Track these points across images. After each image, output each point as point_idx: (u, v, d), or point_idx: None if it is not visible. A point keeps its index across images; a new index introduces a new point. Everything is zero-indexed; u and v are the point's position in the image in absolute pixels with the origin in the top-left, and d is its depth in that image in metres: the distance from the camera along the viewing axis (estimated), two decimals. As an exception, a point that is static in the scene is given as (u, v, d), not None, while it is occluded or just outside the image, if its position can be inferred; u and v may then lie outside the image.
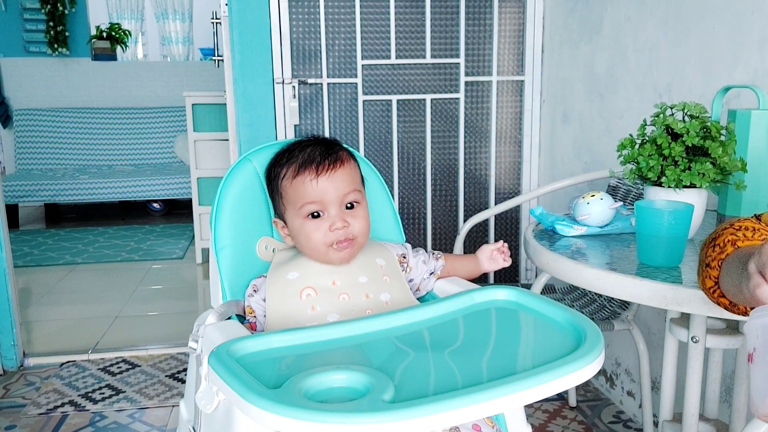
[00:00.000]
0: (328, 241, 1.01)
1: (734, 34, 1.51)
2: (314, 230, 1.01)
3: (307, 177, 1.01)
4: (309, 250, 1.03)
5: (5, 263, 2.34)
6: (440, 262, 1.15)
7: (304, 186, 1.01)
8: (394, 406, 0.67)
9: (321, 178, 1.01)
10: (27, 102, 5.26)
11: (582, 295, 1.95)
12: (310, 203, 1.01)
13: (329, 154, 1.03)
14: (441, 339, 0.88)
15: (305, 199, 1.01)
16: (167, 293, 3.28)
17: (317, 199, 1.01)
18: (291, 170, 1.03)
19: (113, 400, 2.12)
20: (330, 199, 1.01)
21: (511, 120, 2.52)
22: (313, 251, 1.02)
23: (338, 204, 1.02)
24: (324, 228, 1.01)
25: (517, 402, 0.72)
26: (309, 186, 1.01)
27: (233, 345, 0.82)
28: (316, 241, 1.01)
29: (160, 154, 5.28)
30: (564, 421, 1.95)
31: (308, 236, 1.01)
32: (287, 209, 1.04)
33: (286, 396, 0.69)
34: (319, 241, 1.01)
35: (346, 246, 1.01)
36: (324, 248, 1.01)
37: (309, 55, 2.32)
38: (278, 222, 1.09)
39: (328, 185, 1.01)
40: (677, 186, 1.15)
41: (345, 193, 1.02)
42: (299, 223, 1.02)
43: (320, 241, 1.01)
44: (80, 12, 5.33)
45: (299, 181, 1.02)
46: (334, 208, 1.01)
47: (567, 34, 2.29)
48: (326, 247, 1.01)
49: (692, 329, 1.25)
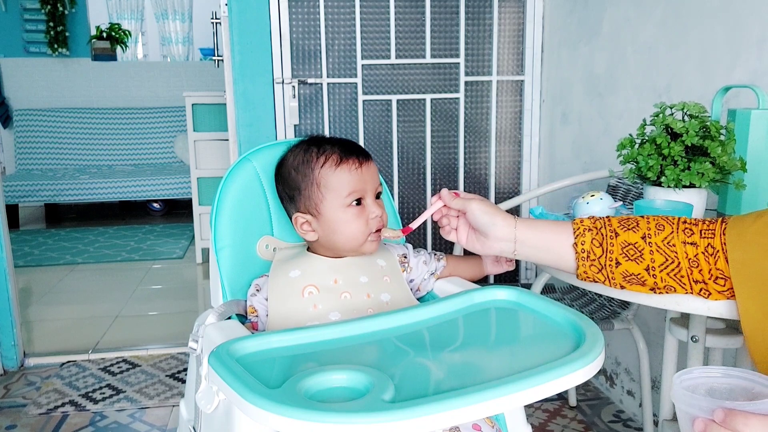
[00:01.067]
0: (367, 230, 1.04)
1: (733, 34, 1.51)
2: (357, 217, 1.03)
3: (353, 165, 1.04)
4: (346, 239, 1.04)
5: (5, 263, 2.34)
6: (441, 263, 1.15)
7: (350, 174, 1.03)
8: (394, 406, 0.67)
9: (363, 167, 1.05)
10: (27, 102, 5.26)
11: (582, 295, 1.95)
12: (356, 191, 1.03)
13: (360, 149, 1.08)
14: (441, 339, 0.89)
15: (351, 186, 1.03)
16: (167, 293, 3.28)
17: (361, 187, 1.04)
18: (332, 159, 1.04)
19: (113, 399, 2.12)
20: (369, 189, 1.05)
21: (511, 120, 2.52)
22: (350, 239, 1.04)
23: (373, 194, 1.06)
24: (365, 216, 1.04)
25: (517, 402, 0.72)
26: (355, 174, 1.03)
27: (233, 345, 0.82)
28: (357, 229, 1.03)
29: (160, 154, 5.28)
30: (564, 421, 1.95)
31: (349, 224, 1.03)
32: (326, 198, 1.04)
33: (286, 396, 0.69)
34: (359, 230, 1.03)
35: (378, 237, 1.05)
36: (363, 236, 1.04)
37: (309, 55, 2.32)
38: (302, 217, 1.06)
39: (368, 175, 1.05)
40: (677, 186, 1.15)
41: (377, 185, 1.07)
42: (341, 212, 1.03)
43: (361, 228, 1.03)
44: (80, 12, 5.33)
45: (344, 169, 1.03)
46: (370, 198, 1.05)
47: (566, 35, 2.29)
48: (364, 238, 1.04)
49: (692, 329, 1.25)
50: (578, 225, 0.94)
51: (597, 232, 0.92)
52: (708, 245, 0.87)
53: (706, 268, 0.87)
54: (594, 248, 0.91)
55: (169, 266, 3.73)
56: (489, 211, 0.96)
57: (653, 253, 0.89)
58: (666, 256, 0.88)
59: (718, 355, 1.38)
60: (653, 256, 0.89)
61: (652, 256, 0.89)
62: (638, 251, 0.89)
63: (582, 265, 0.92)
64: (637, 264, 0.89)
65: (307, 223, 1.06)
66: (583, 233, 0.92)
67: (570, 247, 0.93)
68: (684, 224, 0.90)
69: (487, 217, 0.96)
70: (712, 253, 0.87)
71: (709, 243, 0.87)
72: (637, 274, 0.90)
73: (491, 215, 0.96)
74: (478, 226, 0.97)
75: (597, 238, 0.92)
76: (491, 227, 0.95)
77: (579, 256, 0.92)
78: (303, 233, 1.07)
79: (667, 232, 0.89)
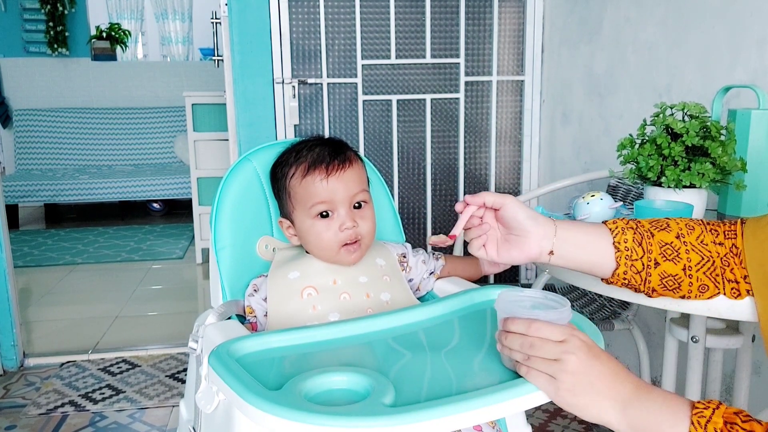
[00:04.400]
0: (338, 241, 1.01)
1: (734, 34, 1.51)
2: (324, 230, 1.01)
3: (318, 176, 1.01)
4: (318, 250, 1.03)
5: (5, 263, 2.34)
6: (440, 262, 1.15)
7: (314, 185, 1.01)
8: (394, 410, 0.67)
9: (331, 178, 1.01)
10: (27, 102, 5.26)
11: (582, 295, 1.95)
12: (320, 203, 1.01)
13: (338, 154, 1.03)
14: (440, 339, 0.88)
15: (315, 198, 1.01)
16: (167, 293, 3.27)
17: (327, 198, 1.01)
18: (300, 169, 1.03)
19: (113, 400, 2.12)
20: (340, 199, 1.01)
21: (511, 120, 2.52)
22: (322, 251, 1.03)
23: (347, 204, 1.02)
24: (334, 228, 1.01)
25: (518, 407, 0.72)
26: (319, 185, 1.01)
27: (233, 345, 0.82)
28: (327, 241, 1.01)
29: (160, 154, 5.27)
30: (564, 421, 1.95)
31: (318, 236, 1.01)
32: (296, 208, 1.04)
33: (286, 398, 0.69)
34: (330, 241, 1.01)
35: (356, 249, 1.02)
36: (335, 248, 1.01)
37: (309, 55, 2.32)
38: (284, 222, 1.08)
39: (338, 185, 1.01)
40: (677, 186, 1.15)
41: (354, 194, 1.03)
42: (309, 223, 1.02)
43: (331, 240, 1.01)
44: (80, 12, 5.33)
45: (309, 180, 1.02)
46: (343, 208, 1.02)
47: (567, 35, 2.29)
48: (337, 247, 1.01)
49: (692, 329, 1.25)
50: (615, 224, 0.90)
51: (635, 232, 0.89)
52: (732, 245, 0.88)
53: (736, 268, 0.87)
54: (635, 247, 0.87)
55: (169, 266, 3.73)
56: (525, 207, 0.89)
57: (689, 252, 0.87)
58: (702, 255, 0.87)
59: (718, 355, 1.38)
60: (689, 255, 0.87)
61: (689, 255, 0.87)
62: (675, 251, 0.88)
63: (624, 264, 0.87)
64: (675, 264, 0.87)
65: (290, 228, 1.07)
66: (623, 231, 0.88)
67: (609, 245, 0.88)
68: (709, 225, 0.90)
69: (527, 211, 0.88)
70: (736, 254, 0.87)
71: (733, 243, 0.88)
72: (674, 275, 0.87)
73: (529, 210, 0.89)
74: (518, 222, 0.87)
75: (636, 237, 0.88)
76: (532, 223, 0.87)
77: (622, 254, 0.87)
78: (289, 237, 1.08)
79: (698, 232, 0.89)
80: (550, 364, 0.71)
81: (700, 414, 0.68)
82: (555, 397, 0.72)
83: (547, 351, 0.72)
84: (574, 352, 0.71)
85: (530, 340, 0.73)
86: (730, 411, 0.68)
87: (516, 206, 0.87)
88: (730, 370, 1.56)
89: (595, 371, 0.71)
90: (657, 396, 0.71)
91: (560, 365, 0.71)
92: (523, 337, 0.73)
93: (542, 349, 0.72)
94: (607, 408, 0.71)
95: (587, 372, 0.71)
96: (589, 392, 0.71)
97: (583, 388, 0.71)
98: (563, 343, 0.72)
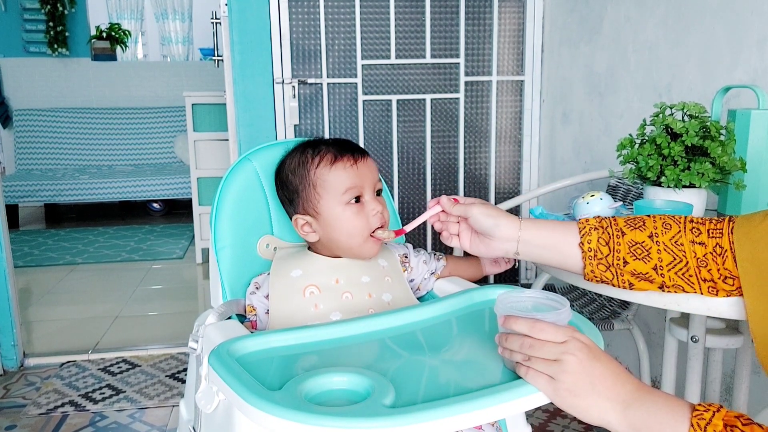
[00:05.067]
0: (369, 227, 1.03)
1: (734, 34, 1.51)
2: (356, 214, 1.03)
3: (348, 163, 1.03)
4: (347, 238, 1.03)
5: (5, 263, 2.34)
6: (441, 263, 1.15)
7: (345, 172, 1.03)
8: (394, 411, 0.67)
9: (359, 164, 1.04)
10: (27, 102, 5.26)
11: (582, 295, 1.95)
12: (352, 188, 1.03)
13: (355, 146, 1.07)
14: (439, 339, 0.88)
15: (347, 183, 1.02)
16: (167, 293, 3.27)
17: (359, 183, 1.03)
18: (327, 158, 1.04)
19: (113, 400, 2.12)
20: (368, 185, 1.04)
21: (511, 120, 2.52)
22: (350, 237, 1.03)
23: (372, 190, 1.05)
24: (364, 213, 1.03)
25: (519, 408, 0.72)
26: (351, 171, 1.03)
27: (233, 344, 0.82)
28: (359, 227, 1.02)
29: (160, 154, 5.27)
30: (564, 421, 1.95)
31: (350, 221, 1.02)
32: (323, 197, 1.03)
33: (286, 398, 0.69)
34: (361, 227, 1.02)
35: (379, 241, 1.04)
36: (364, 235, 1.03)
37: (309, 55, 2.32)
38: (302, 218, 1.06)
39: (365, 171, 1.04)
40: (677, 186, 1.15)
41: (376, 181, 1.06)
42: (339, 210, 1.03)
43: (362, 227, 1.02)
44: (80, 12, 5.33)
45: (339, 167, 1.03)
46: (369, 194, 1.04)
47: (567, 34, 2.29)
48: (366, 234, 1.03)
49: (692, 329, 1.25)
50: (584, 224, 0.94)
51: (603, 231, 0.92)
52: (716, 245, 0.87)
53: (715, 268, 0.87)
54: (600, 247, 0.91)
55: (169, 266, 3.73)
56: (491, 214, 0.96)
57: (661, 252, 0.88)
58: (674, 255, 0.88)
59: (718, 355, 1.38)
60: (661, 255, 0.88)
61: (660, 255, 0.88)
62: (645, 250, 0.89)
63: (589, 264, 0.92)
64: (645, 263, 0.89)
65: (308, 224, 1.06)
66: (589, 232, 0.92)
67: (576, 246, 0.93)
68: (691, 223, 0.90)
69: (490, 219, 0.95)
70: (720, 253, 0.86)
71: (717, 243, 0.87)
72: (645, 273, 0.89)
73: (494, 217, 0.96)
74: (482, 230, 0.97)
75: (603, 237, 0.91)
76: (495, 229, 0.95)
77: (586, 255, 0.92)
78: (304, 234, 1.07)
79: (674, 231, 0.89)
80: (550, 364, 0.72)
81: (700, 416, 0.68)
82: (555, 398, 0.72)
83: (547, 352, 0.72)
84: (574, 353, 0.71)
85: (530, 341, 0.73)
86: (731, 414, 0.68)
87: (480, 217, 0.96)
88: (730, 370, 1.56)
89: (596, 372, 0.71)
90: (657, 398, 0.71)
91: (560, 366, 0.71)
92: (524, 338, 0.74)
93: (543, 349, 0.72)
94: (607, 409, 0.71)
95: (588, 373, 0.71)
96: (590, 393, 0.71)
97: (583, 389, 0.71)
98: (564, 344, 0.72)
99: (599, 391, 0.71)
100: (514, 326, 0.75)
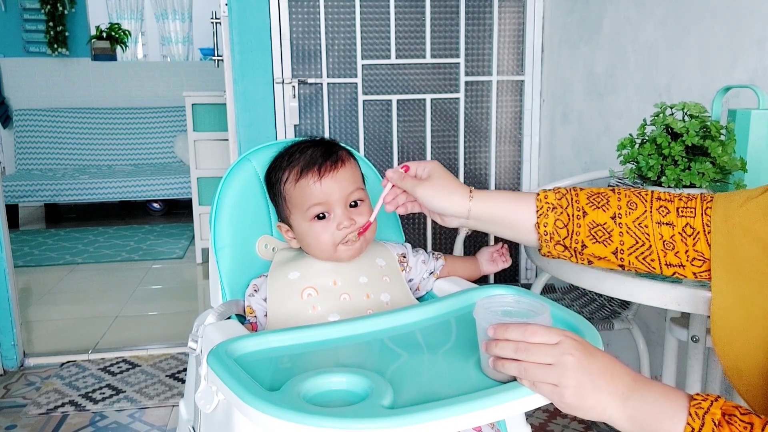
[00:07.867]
0: (336, 240, 1.01)
1: (734, 34, 1.51)
2: (322, 231, 1.01)
3: (311, 179, 1.01)
4: (318, 252, 1.03)
5: (5, 263, 2.34)
6: (440, 262, 1.15)
7: (309, 188, 1.01)
8: (392, 412, 0.66)
9: (324, 179, 1.01)
10: (27, 102, 5.26)
11: (582, 295, 1.95)
12: (316, 205, 1.01)
13: (330, 155, 1.03)
14: (439, 340, 0.88)
15: (311, 201, 1.01)
16: (167, 293, 3.27)
17: (323, 200, 1.01)
18: (293, 173, 1.03)
19: (113, 400, 2.12)
20: (335, 200, 1.01)
21: (511, 120, 2.52)
22: (322, 252, 1.03)
23: (343, 203, 1.02)
24: (331, 228, 1.01)
25: (517, 409, 0.72)
26: (313, 188, 1.01)
27: (232, 344, 0.82)
28: (325, 242, 1.01)
29: (160, 154, 5.28)
30: (564, 421, 1.95)
31: (316, 237, 1.01)
32: (292, 213, 1.04)
33: (284, 398, 0.69)
34: (327, 242, 1.01)
35: (353, 243, 1.02)
36: (333, 247, 1.01)
37: (309, 55, 2.32)
38: (282, 226, 1.08)
39: (332, 185, 1.01)
40: (677, 185, 1.15)
41: (349, 192, 1.03)
42: (306, 226, 1.02)
43: (329, 241, 1.01)
44: (80, 12, 5.33)
45: (303, 183, 1.02)
46: (339, 208, 1.02)
47: (566, 34, 2.29)
48: (335, 245, 1.01)
49: (692, 329, 1.25)
50: (542, 202, 0.89)
51: (562, 212, 0.88)
52: (687, 225, 0.83)
53: (683, 250, 0.83)
54: (558, 230, 0.87)
55: (169, 266, 3.73)
56: (437, 195, 0.94)
57: (623, 235, 0.85)
58: (636, 239, 0.85)
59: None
60: (623, 238, 0.85)
61: (622, 238, 0.85)
62: (607, 232, 0.86)
63: (546, 245, 0.90)
64: (605, 246, 0.86)
65: (288, 232, 1.07)
66: (546, 213, 0.88)
67: (532, 226, 0.90)
68: (659, 201, 0.86)
69: (436, 200, 0.94)
70: (690, 234, 0.83)
71: (688, 223, 0.83)
72: (604, 256, 0.88)
73: (440, 198, 0.93)
74: (431, 210, 0.96)
75: (562, 218, 0.87)
76: (443, 209, 0.94)
77: (542, 237, 0.89)
78: (288, 240, 1.08)
79: (640, 212, 0.85)
80: (549, 370, 0.70)
81: (698, 405, 0.67)
82: (561, 404, 0.71)
83: (543, 355, 0.71)
84: (571, 353, 0.70)
85: (525, 345, 0.71)
86: (730, 404, 0.67)
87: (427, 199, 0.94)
88: (730, 370, 1.55)
89: (594, 368, 0.71)
90: (655, 388, 0.71)
91: (560, 369, 0.70)
92: (517, 343, 0.72)
93: (538, 353, 0.71)
94: (609, 403, 0.70)
95: (587, 371, 0.70)
96: (593, 391, 0.70)
97: (587, 389, 0.70)
98: (558, 345, 0.71)
99: (600, 387, 0.70)
100: (507, 335, 0.73)
